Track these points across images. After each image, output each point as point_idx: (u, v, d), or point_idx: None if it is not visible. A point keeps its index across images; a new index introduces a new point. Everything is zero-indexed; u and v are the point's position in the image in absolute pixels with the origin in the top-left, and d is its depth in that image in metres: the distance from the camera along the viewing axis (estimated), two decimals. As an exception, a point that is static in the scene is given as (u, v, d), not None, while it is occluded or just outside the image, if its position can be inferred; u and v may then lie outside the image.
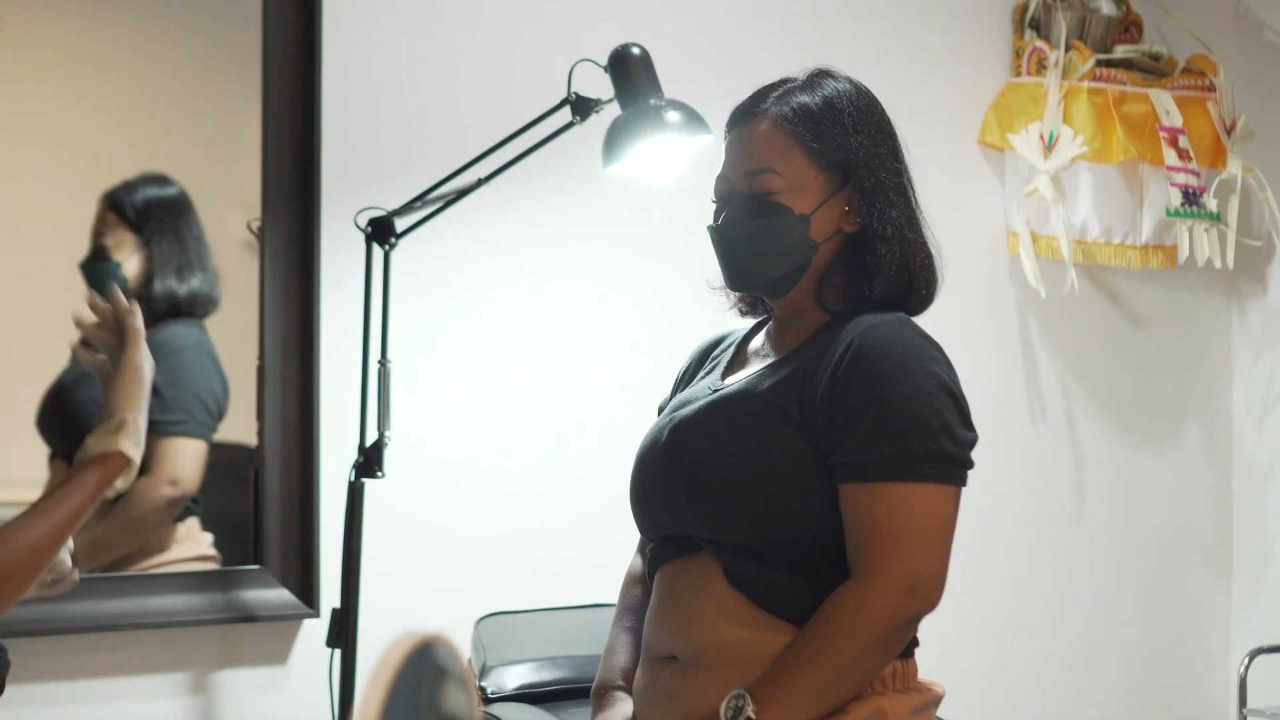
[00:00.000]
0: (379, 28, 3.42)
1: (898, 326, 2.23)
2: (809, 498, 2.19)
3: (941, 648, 3.69)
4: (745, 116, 2.34)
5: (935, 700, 2.28)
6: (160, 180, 3.27)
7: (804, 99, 2.31)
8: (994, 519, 4.01)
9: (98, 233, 3.23)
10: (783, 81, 2.36)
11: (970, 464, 2.21)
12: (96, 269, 3.23)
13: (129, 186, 3.24)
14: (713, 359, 2.49)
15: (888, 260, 2.28)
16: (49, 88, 3.27)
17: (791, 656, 2.15)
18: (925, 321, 2.34)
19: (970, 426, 2.22)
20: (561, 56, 3.19)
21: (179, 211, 3.28)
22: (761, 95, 2.35)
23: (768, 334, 2.41)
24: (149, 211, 3.25)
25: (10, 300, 3.20)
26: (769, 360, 2.33)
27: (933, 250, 2.34)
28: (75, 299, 3.20)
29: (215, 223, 3.32)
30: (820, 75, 2.35)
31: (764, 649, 2.19)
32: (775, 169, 2.28)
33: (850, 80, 2.35)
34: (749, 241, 2.30)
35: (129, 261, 3.24)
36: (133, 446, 2.13)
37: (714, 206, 2.36)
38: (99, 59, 3.31)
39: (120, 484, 2.14)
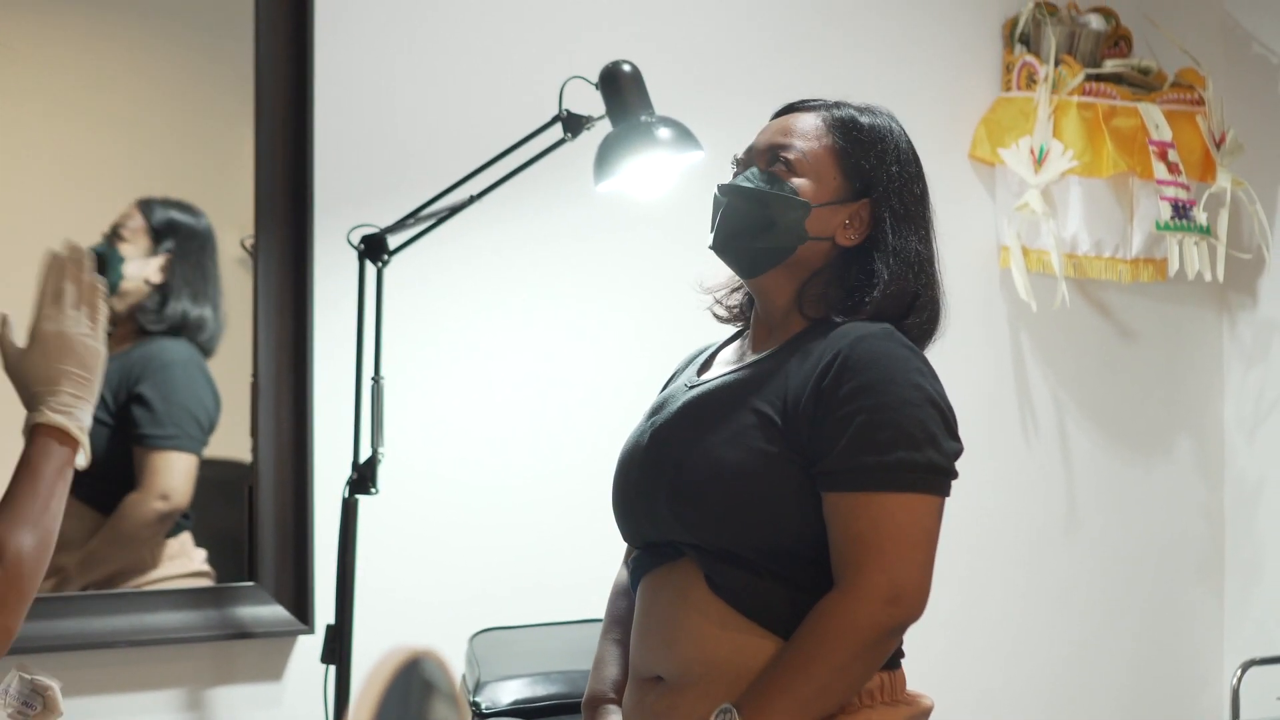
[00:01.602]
0: (371, 46, 3.43)
1: (884, 338, 2.23)
2: (790, 505, 2.20)
3: (935, 661, 3.70)
4: (796, 107, 2.40)
5: (924, 712, 2.28)
6: (193, 210, 3.29)
7: (857, 115, 2.36)
8: (987, 532, 4.02)
9: (119, 224, 3.23)
10: (842, 101, 2.40)
11: (955, 474, 2.22)
12: (103, 252, 3.23)
13: (165, 202, 3.26)
14: (691, 363, 2.50)
15: (894, 278, 2.29)
16: (46, 105, 3.28)
17: (777, 669, 2.15)
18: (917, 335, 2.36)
19: (956, 437, 2.23)
20: (553, 73, 3.20)
21: (202, 242, 3.29)
22: (818, 99, 2.41)
23: (745, 336, 2.43)
24: (173, 229, 3.26)
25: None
26: (747, 360, 2.35)
27: (939, 297, 2.36)
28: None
29: (209, 241, 3.33)
30: (878, 110, 2.40)
31: (748, 664, 2.19)
32: (802, 151, 2.32)
33: (903, 129, 2.40)
34: (744, 205, 2.32)
35: (134, 262, 3.25)
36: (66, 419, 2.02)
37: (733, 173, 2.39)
38: (94, 77, 3.32)
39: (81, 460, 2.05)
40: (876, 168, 2.32)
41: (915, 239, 2.33)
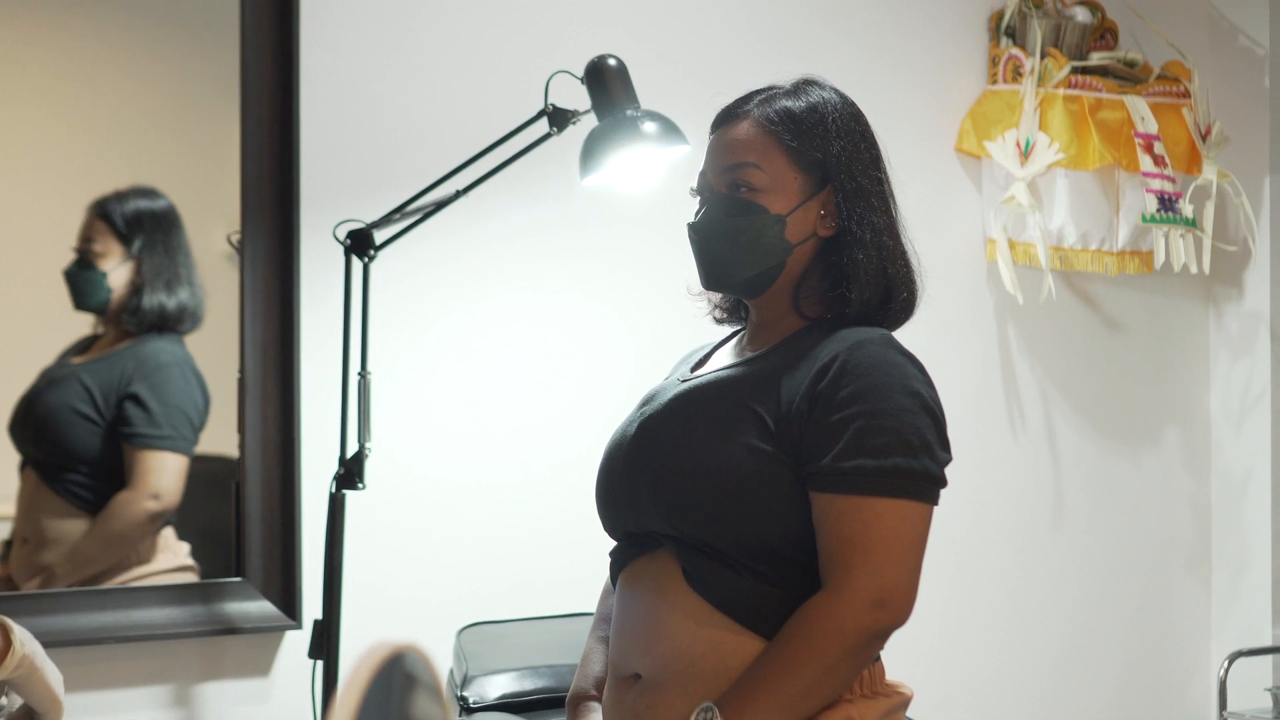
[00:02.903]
0: (356, 41, 3.43)
1: (883, 344, 2.24)
2: (775, 503, 2.20)
3: (924, 655, 3.71)
4: (729, 118, 2.37)
5: (904, 703, 2.29)
6: (150, 193, 3.27)
7: (788, 103, 2.33)
8: (975, 527, 4.02)
9: (85, 239, 3.23)
10: (769, 87, 2.38)
11: (945, 483, 2.23)
12: (81, 277, 3.23)
13: (119, 196, 3.25)
14: (685, 361, 2.50)
15: (864, 265, 2.29)
16: (32, 101, 3.27)
17: (760, 669, 2.15)
18: (903, 328, 2.36)
19: (947, 448, 2.24)
20: (538, 68, 3.20)
21: (168, 225, 3.28)
22: (746, 98, 2.37)
23: (741, 337, 2.43)
24: (139, 223, 3.25)
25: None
26: (742, 358, 2.35)
27: (912, 260, 2.36)
28: (56, 307, 3.22)
29: (196, 236, 3.32)
30: (806, 83, 2.38)
31: (727, 661, 2.19)
32: (756, 164, 2.30)
33: (835, 90, 2.38)
34: (725, 240, 2.31)
35: (115, 272, 3.25)
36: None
37: (694, 206, 2.38)
38: (80, 73, 3.31)
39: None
40: (825, 151, 2.31)
41: (875, 214, 2.31)
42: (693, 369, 2.44)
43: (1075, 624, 4.19)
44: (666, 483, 2.25)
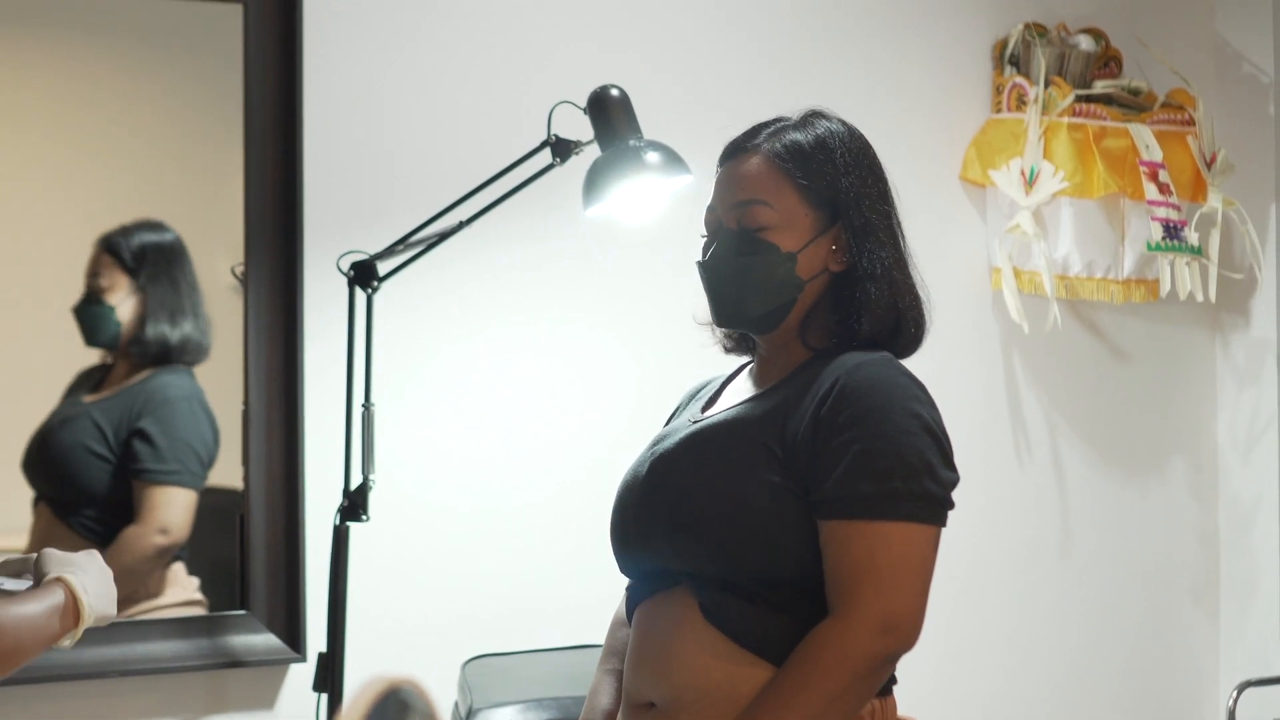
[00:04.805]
0: (360, 73, 3.43)
1: (882, 365, 2.23)
2: (790, 535, 2.19)
3: (930, 682, 3.69)
4: (737, 151, 2.36)
5: (916, 737, 2.28)
6: (156, 226, 3.29)
7: (797, 137, 2.32)
8: (981, 555, 4.01)
9: (92, 274, 3.24)
10: (776, 120, 2.37)
11: (951, 504, 2.22)
12: (91, 313, 3.24)
13: (125, 231, 3.26)
14: (696, 398, 2.50)
15: (876, 300, 2.28)
16: (38, 132, 3.28)
17: (770, 696, 2.15)
18: (910, 357, 2.35)
19: (952, 467, 2.23)
20: (541, 98, 3.20)
21: (174, 257, 3.29)
22: (754, 132, 2.36)
23: (751, 371, 2.42)
24: (144, 256, 3.26)
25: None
26: (750, 394, 2.34)
27: (921, 294, 2.35)
28: (66, 342, 3.23)
29: (201, 268, 3.33)
30: (813, 115, 2.37)
31: (740, 690, 2.19)
32: (767, 201, 2.29)
33: (842, 121, 2.37)
34: (736, 278, 2.31)
35: (123, 306, 3.25)
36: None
37: (702, 240, 2.37)
38: (86, 103, 3.32)
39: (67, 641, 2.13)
40: (834, 187, 2.30)
41: (884, 248, 2.31)
42: (704, 407, 2.43)
43: (1081, 653, 4.17)
44: (682, 523, 2.25)
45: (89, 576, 2.11)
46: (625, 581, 2.47)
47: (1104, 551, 4.19)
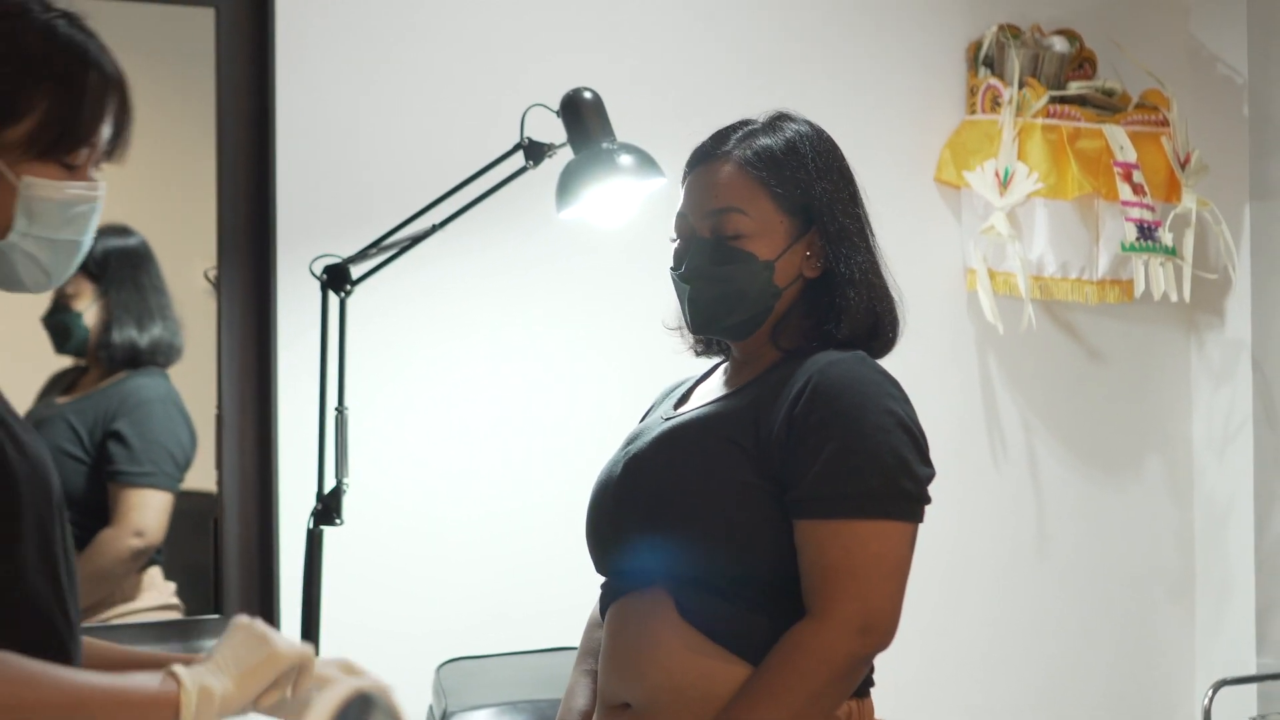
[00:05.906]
0: (332, 76, 3.43)
1: (855, 364, 2.23)
2: (764, 533, 2.19)
3: (908, 684, 3.69)
4: (706, 158, 2.33)
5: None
6: (121, 231, 3.27)
7: (767, 142, 2.30)
8: (957, 557, 4.01)
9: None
10: (743, 123, 2.35)
11: (928, 500, 2.21)
12: (59, 321, 3.23)
13: None
14: (670, 395, 2.49)
15: (855, 304, 2.28)
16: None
17: (747, 696, 2.14)
18: (885, 359, 2.35)
19: (928, 463, 2.22)
20: (514, 101, 3.19)
21: (138, 261, 3.28)
22: (722, 137, 2.34)
23: (724, 371, 2.41)
24: (108, 262, 3.25)
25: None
26: (722, 393, 2.34)
27: (894, 295, 2.35)
28: (37, 352, 3.21)
29: (173, 272, 3.32)
30: (781, 118, 2.35)
31: (717, 690, 2.18)
32: (742, 209, 2.27)
33: (810, 123, 2.35)
34: (713, 288, 2.29)
35: (89, 311, 3.24)
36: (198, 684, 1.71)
37: (673, 246, 2.36)
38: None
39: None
40: (808, 192, 2.29)
41: (858, 252, 2.30)
42: (676, 405, 2.43)
43: (1058, 653, 4.17)
44: (656, 522, 2.24)
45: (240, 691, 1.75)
46: (600, 583, 2.47)
47: (1079, 551, 4.20)
